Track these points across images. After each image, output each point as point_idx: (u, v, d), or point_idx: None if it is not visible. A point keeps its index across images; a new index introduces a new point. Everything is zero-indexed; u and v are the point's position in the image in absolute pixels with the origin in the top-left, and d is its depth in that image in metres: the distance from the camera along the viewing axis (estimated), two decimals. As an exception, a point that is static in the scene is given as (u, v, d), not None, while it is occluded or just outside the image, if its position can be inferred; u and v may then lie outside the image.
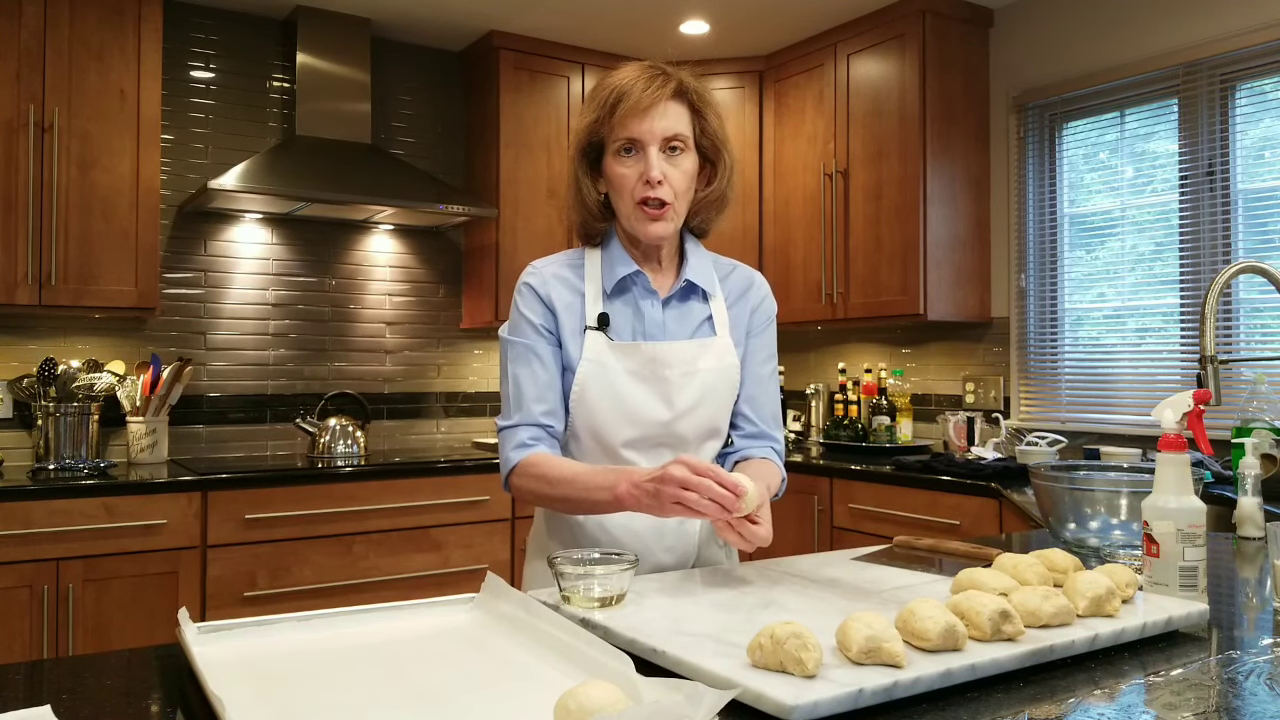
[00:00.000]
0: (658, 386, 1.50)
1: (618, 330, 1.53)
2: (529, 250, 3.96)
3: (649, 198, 1.47)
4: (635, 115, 1.46)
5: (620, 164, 1.49)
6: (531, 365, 1.51)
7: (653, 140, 1.47)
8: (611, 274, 1.54)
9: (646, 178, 1.46)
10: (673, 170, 1.48)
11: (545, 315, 1.53)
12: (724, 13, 3.77)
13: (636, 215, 1.49)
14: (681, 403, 1.51)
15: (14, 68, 3.03)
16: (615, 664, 0.90)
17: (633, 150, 1.48)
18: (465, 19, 3.84)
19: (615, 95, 1.47)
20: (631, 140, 1.47)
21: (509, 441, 1.50)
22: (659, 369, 1.50)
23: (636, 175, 1.48)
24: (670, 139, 1.48)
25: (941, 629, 0.96)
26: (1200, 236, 3.12)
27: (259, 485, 3.10)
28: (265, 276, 3.79)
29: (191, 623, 1.06)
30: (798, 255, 4.03)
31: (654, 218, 1.48)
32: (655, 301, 1.55)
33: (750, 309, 1.62)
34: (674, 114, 1.48)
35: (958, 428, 3.56)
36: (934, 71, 3.56)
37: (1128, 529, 1.56)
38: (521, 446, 1.48)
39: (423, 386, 4.12)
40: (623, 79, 1.48)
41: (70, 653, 2.82)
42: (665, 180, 1.47)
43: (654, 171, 1.46)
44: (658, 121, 1.46)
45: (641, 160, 1.47)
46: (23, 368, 3.34)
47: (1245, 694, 0.93)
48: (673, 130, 1.48)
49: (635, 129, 1.46)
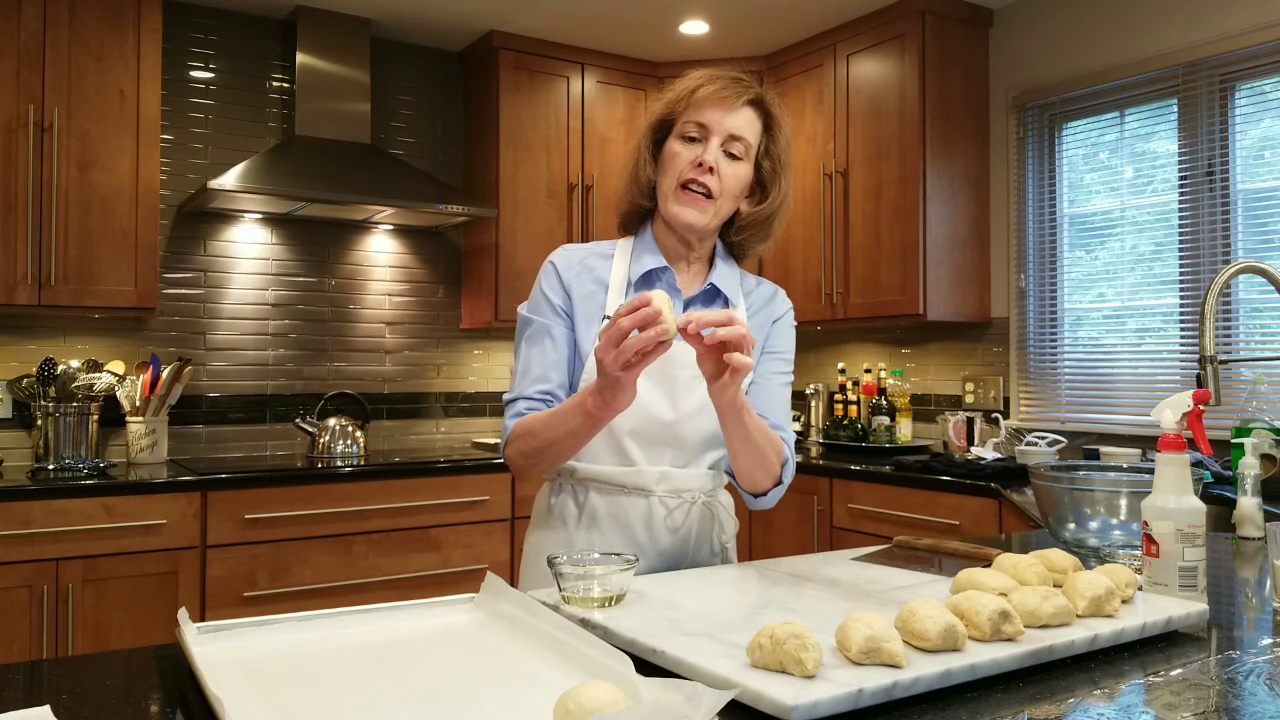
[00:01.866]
0: (666, 386, 1.50)
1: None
2: (528, 250, 3.96)
3: (695, 180, 1.48)
4: (710, 104, 1.49)
5: (680, 145, 1.50)
6: (543, 344, 1.52)
7: (719, 132, 1.48)
8: (639, 264, 1.54)
9: (700, 160, 1.47)
10: (727, 167, 1.49)
11: (564, 298, 1.54)
12: (724, 13, 3.77)
13: (676, 196, 1.50)
14: (686, 406, 1.50)
15: (14, 68, 3.03)
16: (615, 664, 0.90)
17: (697, 137, 1.50)
18: (465, 19, 3.84)
19: (698, 82, 1.50)
20: (700, 126, 1.49)
21: (507, 413, 1.52)
22: (669, 367, 1.48)
23: (691, 157, 1.48)
24: (735, 138, 1.49)
25: (941, 629, 0.96)
26: (1200, 236, 3.12)
27: (259, 485, 3.10)
28: (265, 276, 3.79)
29: (191, 623, 1.06)
30: (798, 255, 4.03)
31: (692, 202, 1.49)
32: (678, 300, 1.54)
33: (771, 320, 1.62)
34: (746, 118, 1.51)
35: (957, 428, 3.56)
36: (934, 71, 3.56)
37: (1127, 529, 1.56)
38: (515, 416, 1.50)
39: (422, 386, 4.12)
40: (710, 72, 1.52)
41: (70, 653, 2.82)
42: (717, 172, 1.48)
43: (709, 156, 1.47)
44: (728, 117, 1.49)
45: (701, 146, 1.49)
46: (22, 368, 3.34)
47: (1245, 694, 0.94)
48: (740, 131, 1.50)
49: (706, 115, 1.48)
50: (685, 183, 1.49)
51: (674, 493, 1.53)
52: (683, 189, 1.49)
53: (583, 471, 1.54)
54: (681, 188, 1.49)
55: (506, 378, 4.28)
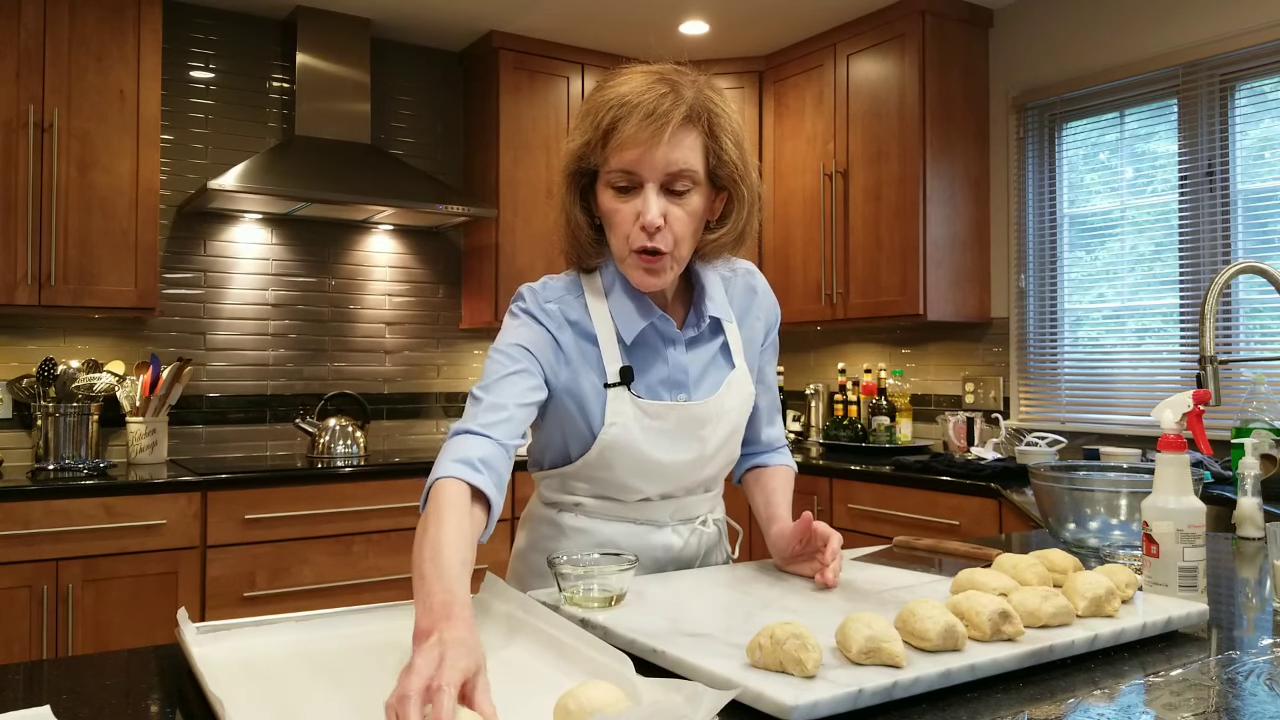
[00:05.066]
0: (692, 444, 1.38)
1: (642, 382, 1.36)
2: (528, 250, 3.96)
3: (645, 247, 1.26)
4: (634, 145, 1.23)
5: (614, 199, 1.27)
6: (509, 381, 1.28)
7: (653, 176, 1.24)
8: (628, 324, 1.35)
9: (642, 223, 1.25)
10: (676, 211, 1.26)
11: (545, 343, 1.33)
12: (724, 13, 3.77)
13: (631, 262, 1.29)
14: (710, 450, 1.41)
15: (14, 68, 3.03)
16: (615, 664, 0.90)
17: (628, 184, 1.26)
18: (465, 19, 3.84)
19: (612, 117, 1.23)
20: (627, 174, 1.25)
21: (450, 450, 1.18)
22: (695, 428, 1.37)
23: (632, 216, 1.26)
24: (675, 175, 1.25)
25: (941, 629, 0.96)
26: (1200, 237, 3.12)
27: (259, 485, 3.10)
28: (265, 277, 3.79)
29: (190, 623, 1.06)
30: (797, 255, 4.03)
31: (649, 268, 1.28)
32: (679, 346, 1.38)
33: (759, 321, 1.50)
34: (683, 144, 1.24)
35: (957, 428, 3.56)
36: (934, 72, 3.56)
37: (1127, 529, 1.56)
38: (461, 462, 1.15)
39: (422, 387, 4.12)
40: (622, 93, 1.24)
41: (70, 653, 2.82)
42: (666, 223, 1.26)
43: (651, 215, 1.24)
44: (660, 154, 1.23)
45: (638, 198, 1.25)
46: (22, 368, 3.34)
47: (1245, 694, 0.93)
48: (678, 165, 1.24)
49: (632, 161, 1.24)
50: (636, 250, 1.27)
51: (685, 520, 1.48)
52: (635, 255, 1.27)
53: (588, 506, 1.43)
54: (633, 253, 1.28)
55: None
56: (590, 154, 1.28)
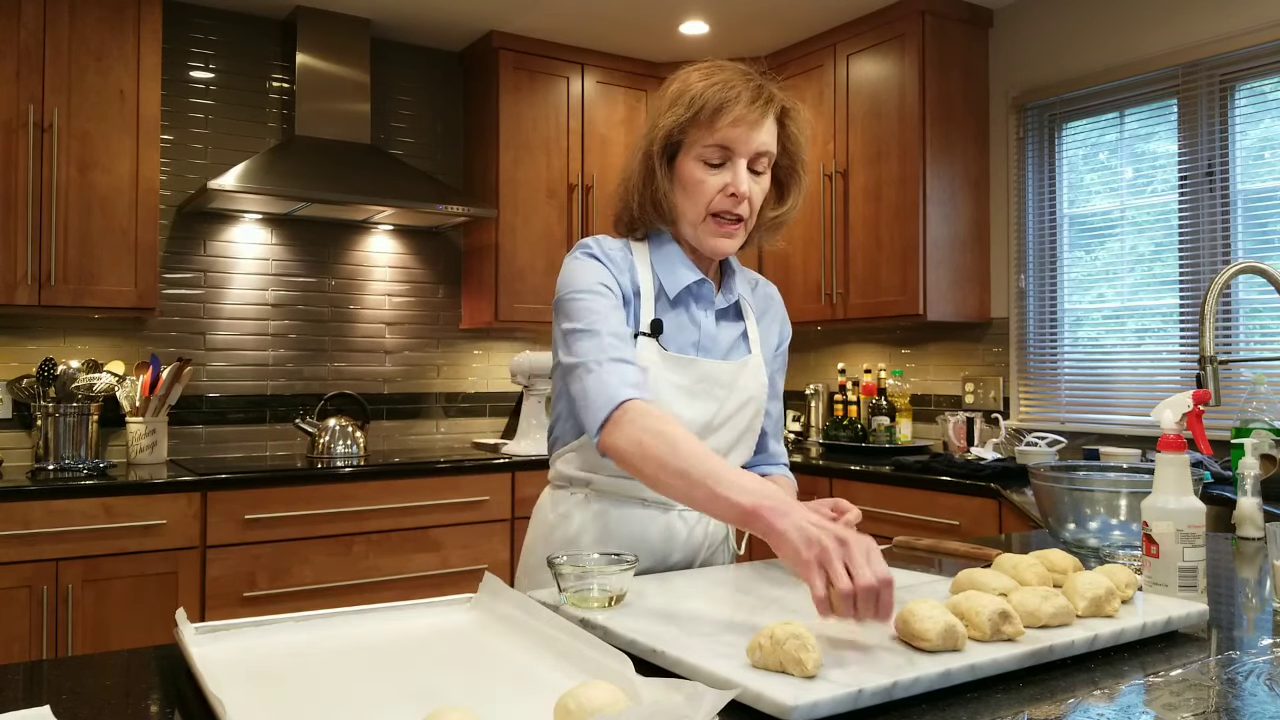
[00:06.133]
0: (707, 404, 1.45)
1: (671, 339, 1.46)
2: (528, 251, 3.96)
3: (729, 212, 1.41)
4: (738, 125, 1.38)
5: (703, 170, 1.41)
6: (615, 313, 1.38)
7: (745, 153, 1.40)
8: (673, 278, 1.47)
9: (733, 190, 1.40)
10: (755, 187, 1.42)
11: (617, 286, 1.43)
12: (724, 13, 3.77)
13: (706, 227, 1.43)
14: (720, 419, 1.47)
15: (13, 68, 3.03)
16: (615, 664, 0.90)
17: (720, 162, 1.41)
18: (465, 19, 3.84)
19: (717, 101, 1.38)
20: (725, 150, 1.40)
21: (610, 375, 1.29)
22: (711, 387, 1.45)
23: (719, 185, 1.41)
24: (760, 154, 1.42)
25: (941, 629, 0.96)
26: (1200, 237, 3.12)
27: (259, 485, 3.10)
28: (265, 277, 3.79)
29: (189, 623, 1.06)
30: (797, 255, 4.03)
31: (726, 233, 1.43)
32: (710, 313, 1.49)
33: (774, 326, 1.61)
34: (769, 131, 1.42)
35: (957, 428, 3.56)
36: (933, 72, 3.56)
37: (1127, 529, 1.56)
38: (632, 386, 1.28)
39: (422, 387, 4.12)
40: (726, 78, 1.40)
41: (70, 653, 2.82)
42: (748, 196, 1.41)
43: (742, 185, 1.40)
44: (756, 135, 1.40)
45: (728, 171, 1.40)
46: (22, 368, 3.34)
47: (1245, 694, 0.93)
48: (766, 147, 1.41)
49: (734, 140, 1.39)
50: (717, 213, 1.42)
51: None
52: (713, 218, 1.42)
53: (599, 484, 1.48)
54: (712, 217, 1.42)
55: (507, 378, 4.27)
56: (687, 129, 1.41)
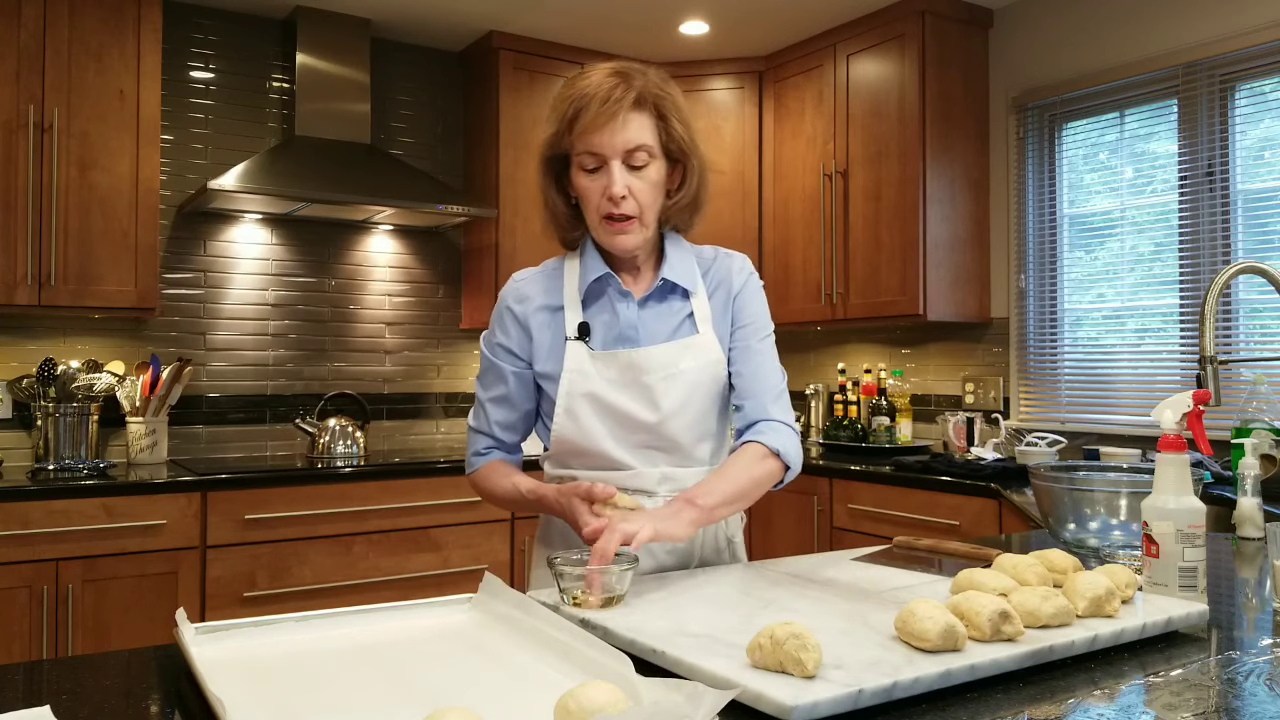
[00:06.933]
0: (640, 392, 1.49)
1: (597, 336, 1.52)
2: (528, 250, 3.96)
3: (612, 214, 1.46)
4: (594, 129, 1.43)
5: (584, 178, 1.48)
6: (496, 387, 1.58)
7: (614, 154, 1.44)
8: (584, 280, 1.54)
9: (609, 193, 1.45)
10: (637, 182, 1.46)
11: (521, 341, 1.56)
12: (724, 13, 3.77)
13: (603, 229, 1.49)
14: (667, 405, 1.49)
15: (13, 68, 3.03)
16: (615, 664, 0.90)
17: (595, 167, 1.46)
18: (465, 19, 3.84)
19: (574, 108, 1.44)
20: (592, 155, 1.45)
21: (473, 441, 1.64)
22: (638, 375, 1.49)
23: (600, 190, 1.46)
24: (633, 150, 1.44)
25: (941, 629, 0.96)
26: (1200, 237, 3.12)
27: (259, 485, 3.10)
28: (265, 277, 3.79)
29: (189, 623, 1.06)
30: (797, 255, 4.03)
31: (620, 230, 1.48)
32: (630, 303, 1.53)
33: (730, 294, 1.58)
34: (635, 124, 1.44)
35: (957, 428, 3.56)
36: (933, 72, 3.56)
37: (1127, 529, 1.56)
38: (477, 455, 1.63)
39: (422, 387, 4.11)
40: (583, 88, 1.45)
41: (70, 653, 2.82)
42: (629, 193, 1.45)
43: (616, 187, 1.44)
44: (618, 134, 1.43)
45: (604, 174, 1.45)
46: (22, 368, 3.34)
47: (1245, 694, 0.93)
48: (634, 142, 1.44)
49: (595, 143, 1.44)
50: (605, 216, 1.47)
51: (677, 492, 1.49)
52: (606, 220, 1.47)
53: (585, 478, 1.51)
54: (604, 220, 1.48)
55: (506, 378, 4.27)
56: (560, 142, 1.49)
